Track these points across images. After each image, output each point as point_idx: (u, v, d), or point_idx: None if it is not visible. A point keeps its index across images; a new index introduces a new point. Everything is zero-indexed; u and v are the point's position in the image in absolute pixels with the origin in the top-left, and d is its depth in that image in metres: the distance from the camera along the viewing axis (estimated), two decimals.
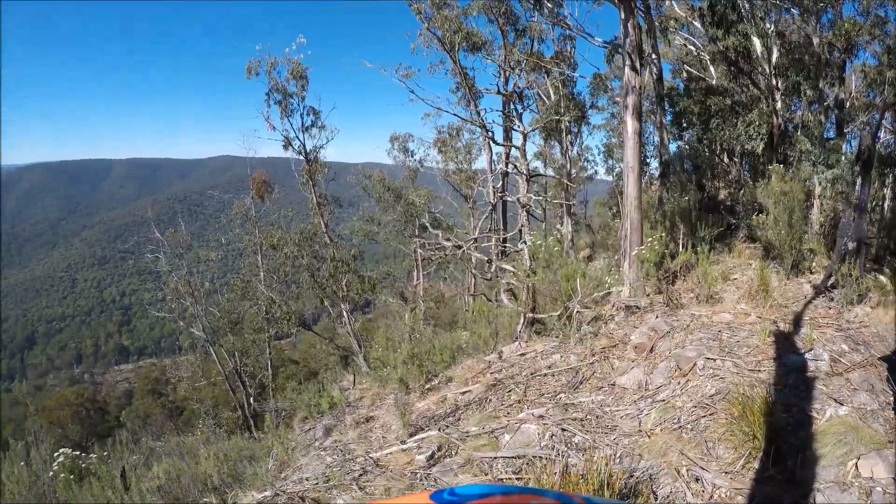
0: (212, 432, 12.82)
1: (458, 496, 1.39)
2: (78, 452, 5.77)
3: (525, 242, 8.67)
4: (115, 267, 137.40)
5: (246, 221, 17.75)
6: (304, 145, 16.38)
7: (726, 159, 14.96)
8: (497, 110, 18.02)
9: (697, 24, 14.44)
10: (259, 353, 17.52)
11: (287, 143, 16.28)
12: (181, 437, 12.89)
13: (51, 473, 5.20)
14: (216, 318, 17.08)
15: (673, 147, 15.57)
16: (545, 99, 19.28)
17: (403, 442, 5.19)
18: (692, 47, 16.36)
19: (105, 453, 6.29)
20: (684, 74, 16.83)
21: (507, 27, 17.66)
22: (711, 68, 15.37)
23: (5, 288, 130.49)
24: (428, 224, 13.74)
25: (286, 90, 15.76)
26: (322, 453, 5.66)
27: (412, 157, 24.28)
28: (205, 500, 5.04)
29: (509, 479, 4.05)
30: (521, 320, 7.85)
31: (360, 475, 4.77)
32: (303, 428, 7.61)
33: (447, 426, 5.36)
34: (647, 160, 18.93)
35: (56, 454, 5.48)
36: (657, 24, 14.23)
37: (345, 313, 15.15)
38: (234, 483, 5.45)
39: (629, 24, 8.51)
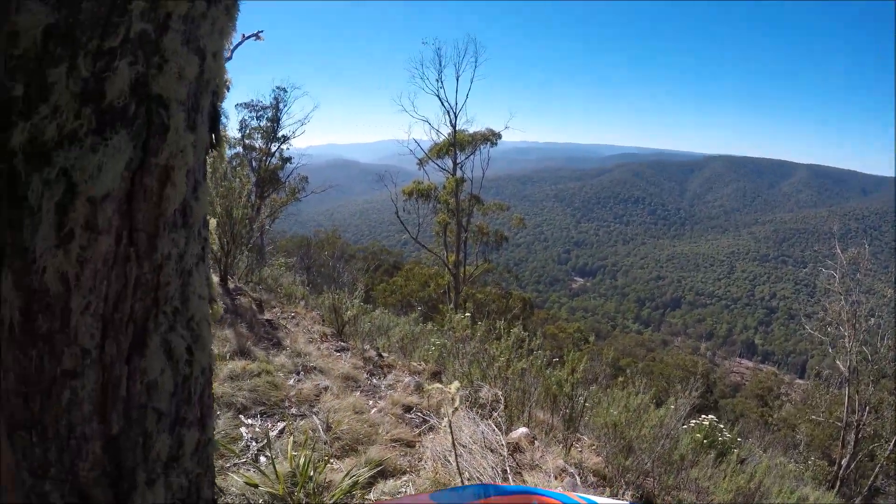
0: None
1: (458, 496, 1.36)
2: (720, 423, 5.78)
3: None
4: (774, 267, 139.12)
5: None
6: None
7: None
8: None
9: None
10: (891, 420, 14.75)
11: None
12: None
13: (683, 427, 5.16)
14: (866, 360, 14.79)
15: None
16: None
17: None
18: None
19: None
20: None
21: None
22: None
23: (672, 254, 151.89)
24: None
25: None
26: None
27: None
28: None
29: None
30: None
31: None
32: None
33: None
34: None
35: (701, 419, 5.65)
36: None
37: None
38: None
39: None
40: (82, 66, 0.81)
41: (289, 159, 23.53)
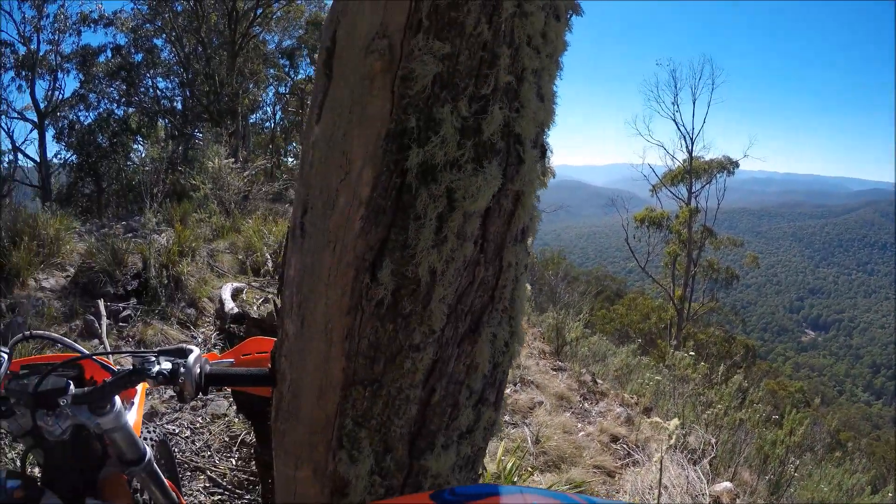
0: None
1: (458, 496, 1.18)
2: None
3: None
4: None
5: None
6: None
7: None
8: None
9: None
10: None
11: None
12: None
13: None
14: None
15: None
16: None
17: None
18: None
19: None
20: None
21: None
22: None
23: None
24: None
25: None
26: None
27: None
28: None
29: None
30: None
31: None
32: None
33: None
34: None
35: None
36: None
37: None
38: None
39: None
40: (462, 108, 1.03)
41: None
